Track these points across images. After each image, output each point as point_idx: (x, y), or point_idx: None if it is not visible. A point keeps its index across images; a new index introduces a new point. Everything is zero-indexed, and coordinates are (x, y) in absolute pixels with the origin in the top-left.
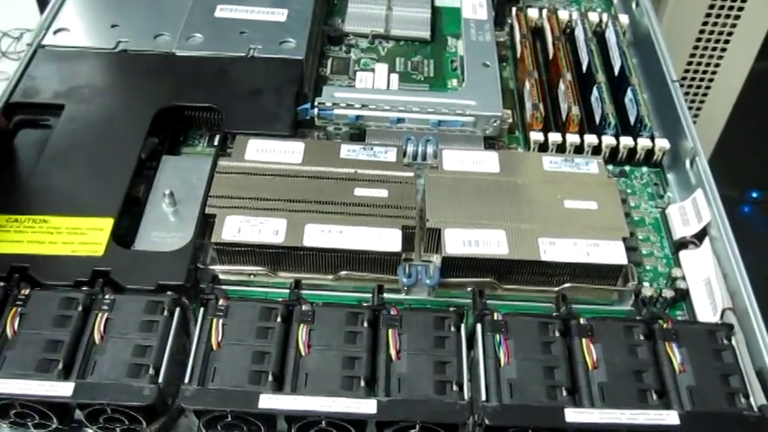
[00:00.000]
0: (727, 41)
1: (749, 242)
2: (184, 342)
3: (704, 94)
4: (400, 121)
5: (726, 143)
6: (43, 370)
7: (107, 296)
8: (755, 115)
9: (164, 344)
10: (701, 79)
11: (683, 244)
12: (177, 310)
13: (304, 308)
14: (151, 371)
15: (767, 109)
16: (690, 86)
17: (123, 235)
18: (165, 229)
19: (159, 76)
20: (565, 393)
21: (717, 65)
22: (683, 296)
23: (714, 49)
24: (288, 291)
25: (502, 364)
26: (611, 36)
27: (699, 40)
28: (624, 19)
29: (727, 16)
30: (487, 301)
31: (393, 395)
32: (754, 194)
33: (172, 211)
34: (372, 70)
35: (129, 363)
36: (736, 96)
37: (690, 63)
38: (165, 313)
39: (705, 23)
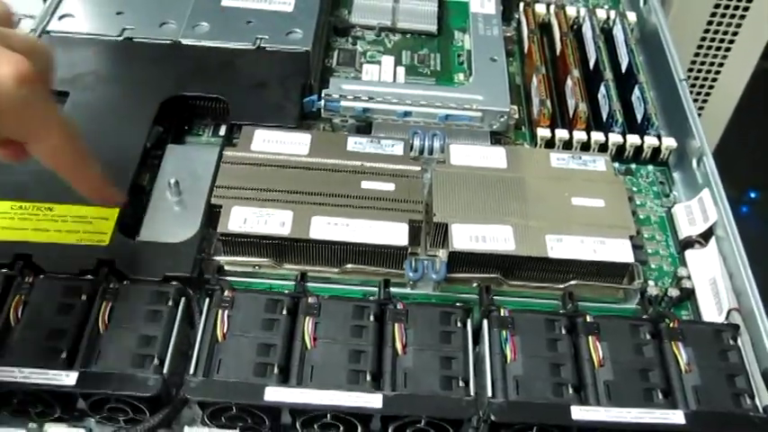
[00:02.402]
0: (732, 41)
1: (746, 242)
2: (189, 333)
3: (707, 93)
4: (407, 114)
5: (726, 142)
6: (47, 358)
7: (111, 285)
8: (756, 114)
9: (168, 334)
10: (705, 78)
11: (688, 243)
12: (182, 300)
13: (310, 300)
14: (155, 361)
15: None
16: (693, 85)
17: (128, 224)
18: (169, 219)
19: (165, 64)
20: (571, 391)
21: (721, 64)
22: (689, 295)
23: (719, 48)
24: (293, 283)
25: (508, 360)
26: (618, 33)
27: (703, 39)
28: (632, 16)
29: (733, 15)
30: (493, 297)
31: (399, 390)
32: (753, 194)
33: (177, 200)
34: (379, 63)
35: (133, 353)
36: (740, 95)
37: (694, 62)
38: (170, 303)
39: (710, 22)
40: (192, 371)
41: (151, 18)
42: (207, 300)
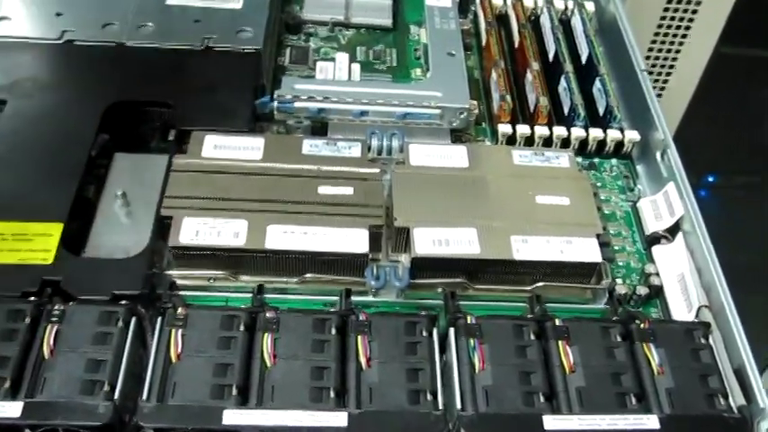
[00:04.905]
0: (688, 27)
1: (706, 226)
2: (141, 354)
3: (665, 81)
4: (364, 113)
5: (683, 126)
6: None
7: (57, 307)
8: (713, 99)
9: (119, 357)
10: (662, 66)
11: (655, 239)
12: (133, 320)
13: (268, 315)
14: (106, 387)
15: (724, 93)
16: (651, 72)
17: (73, 240)
18: (118, 233)
19: (109, 68)
20: (542, 399)
21: (678, 51)
22: (657, 293)
23: (675, 35)
24: (250, 295)
25: (477, 370)
26: (577, 24)
27: (660, 26)
28: (590, 6)
29: (689, 2)
30: (459, 302)
31: (364, 406)
32: (711, 179)
33: (125, 212)
34: (333, 60)
35: (81, 379)
36: (697, 80)
37: (651, 49)
38: (120, 324)
39: (666, 9)
40: (145, 396)
41: (93, 19)
42: (159, 318)
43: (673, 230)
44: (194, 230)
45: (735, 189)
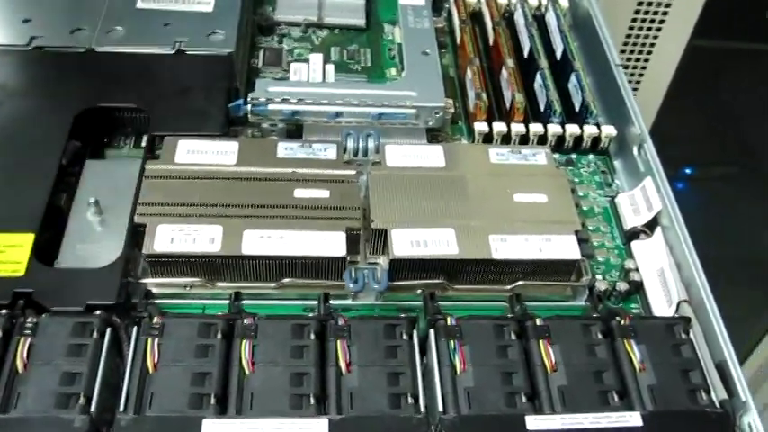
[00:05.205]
0: (662, 21)
1: (684, 218)
2: (118, 365)
3: (640, 74)
4: (339, 115)
5: (659, 119)
6: None
7: (30, 319)
8: (689, 92)
9: (95, 369)
10: (637, 59)
11: (634, 234)
12: (108, 330)
13: (246, 321)
14: (82, 400)
15: (700, 85)
16: (626, 67)
17: (45, 251)
18: (91, 242)
19: (79, 74)
20: (524, 400)
21: (652, 44)
22: (637, 288)
23: (649, 29)
24: (228, 302)
25: (458, 371)
26: (551, 19)
27: (634, 20)
28: (564, 1)
29: None
30: (439, 303)
31: (345, 412)
32: (688, 171)
33: (98, 221)
34: (306, 61)
35: (56, 392)
36: (672, 73)
37: (626, 43)
38: (95, 335)
39: (640, 2)
40: (122, 407)
41: (61, 24)
42: (135, 328)
43: (651, 225)
44: (169, 237)
45: (712, 181)
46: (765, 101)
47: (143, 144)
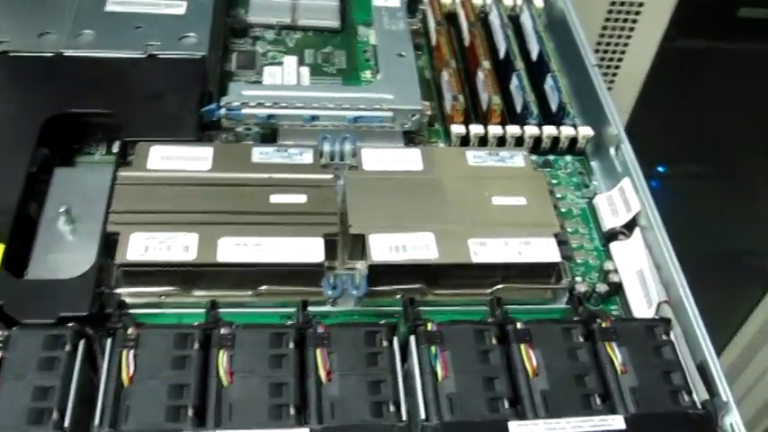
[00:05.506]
0: (635, 20)
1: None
2: (92, 378)
3: (614, 74)
4: (314, 118)
5: (633, 119)
6: None
7: None
8: (661, 91)
9: (68, 383)
10: (611, 59)
11: (612, 235)
12: (81, 342)
13: (223, 331)
14: (55, 415)
15: (674, 84)
16: (599, 66)
17: (15, 261)
18: (62, 252)
19: (47, 79)
20: (507, 405)
21: (626, 44)
22: (617, 290)
23: (623, 28)
24: (204, 311)
25: (439, 378)
26: (526, 20)
27: (608, 20)
28: (538, 2)
29: None
30: (419, 308)
31: (326, 422)
32: (661, 169)
33: (69, 230)
34: (281, 64)
35: (29, 408)
36: (646, 74)
37: (599, 43)
38: (68, 347)
39: (613, 2)
40: (97, 422)
41: (28, 28)
42: (109, 340)
43: (630, 226)
44: (143, 246)
45: (686, 179)
46: (738, 100)
47: (114, 150)
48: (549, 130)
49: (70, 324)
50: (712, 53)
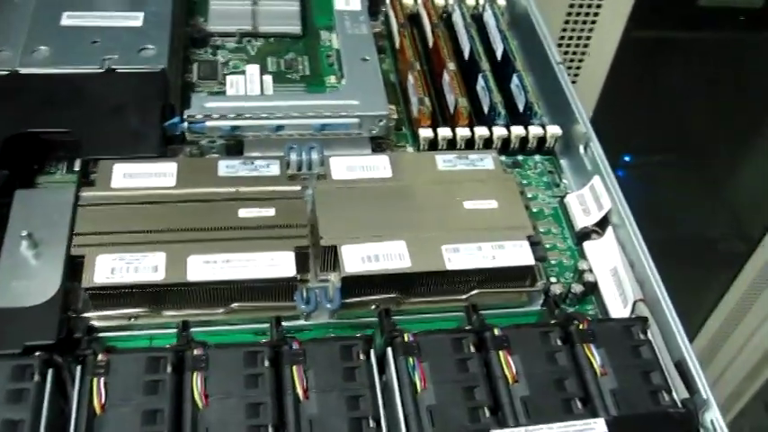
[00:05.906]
0: (596, 13)
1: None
2: (62, 407)
3: (578, 68)
4: (280, 128)
5: (598, 110)
6: None
7: None
8: (625, 82)
9: (38, 415)
10: (574, 53)
11: (585, 234)
12: (50, 372)
13: (196, 352)
14: None
15: (637, 75)
16: (563, 61)
17: None
18: (26, 278)
19: (3, 98)
20: (488, 414)
21: (588, 37)
22: (592, 289)
23: (585, 22)
24: (176, 331)
25: (419, 390)
26: (489, 19)
27: (569, 14)
28: (501, 0)
29: None
30: (394, 318)
31: None
32: (627, 158)
33: (32, 254)
34: (243, 72)
35: None
36: (609, 66)
37: (562, 38)
38: (36, 378)
39: None
40: None
41: None
42: (79, 367)
43: (602, 224)
44: (109, 268)
45: (651, 167)
46: (699, 88)
47: (76, 168)
48: (518, 131)
49: (38, 353)
50: (673, 43)
